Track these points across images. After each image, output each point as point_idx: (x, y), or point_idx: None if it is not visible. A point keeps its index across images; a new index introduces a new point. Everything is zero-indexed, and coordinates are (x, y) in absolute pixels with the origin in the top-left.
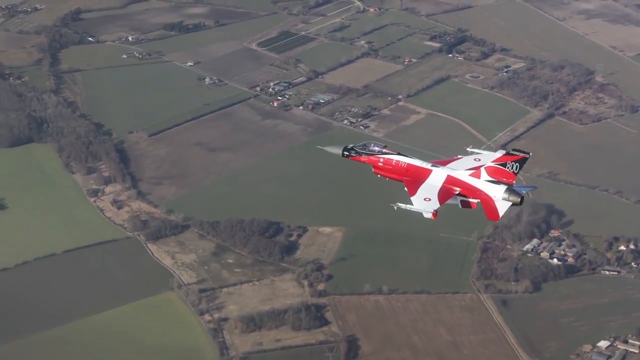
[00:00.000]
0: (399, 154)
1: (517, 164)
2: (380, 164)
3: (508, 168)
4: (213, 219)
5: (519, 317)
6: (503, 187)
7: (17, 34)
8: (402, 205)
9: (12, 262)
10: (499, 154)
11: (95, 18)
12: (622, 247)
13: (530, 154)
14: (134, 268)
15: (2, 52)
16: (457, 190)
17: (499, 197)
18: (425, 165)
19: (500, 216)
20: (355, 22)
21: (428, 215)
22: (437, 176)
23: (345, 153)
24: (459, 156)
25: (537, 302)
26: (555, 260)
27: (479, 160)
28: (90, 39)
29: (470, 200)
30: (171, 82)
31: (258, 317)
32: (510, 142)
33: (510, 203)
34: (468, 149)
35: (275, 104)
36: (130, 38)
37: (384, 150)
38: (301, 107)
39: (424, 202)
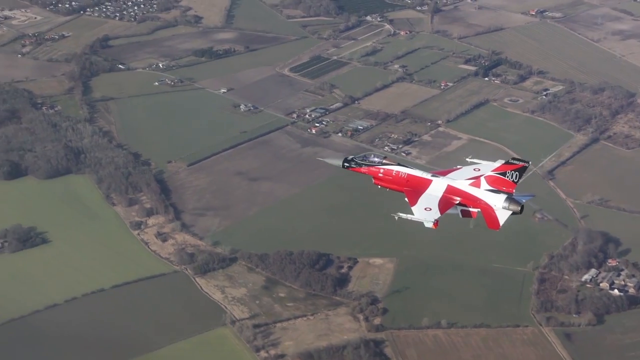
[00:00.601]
0: (398, 164)
1: (516, 172)
2: (381, 175)
3: (508, 177)
4: (261, 251)
5: (584, 352)
6: (503, 196)
7: (46, 62)
8: (404, 215)
9: (60, 297)
10: (499, 163)
11: (123, 45)
12: None
13: (530, 162)
14: (184, 303)
15: (32, 81)
16: (458, 199)
17: (499, 206)
18: (426, 175)
19: (501, 225)
20: (387, 45)
21: (429, 224)
22: (438, 186)
23: (346, 164)
24: (458, 166)
25: (601, 335)
26: (616, 291)
27: (479, 170)
28: (120, 66)
29: (471, 209)
30: (206, 109)
31: (316, 354)
32: (557, 168)
33: (511, 212)
34: (467, 159)
35: (314, 131)
36: (160, 65)
37: (384, 161)
38: (340, 134)
39: (425, 211)
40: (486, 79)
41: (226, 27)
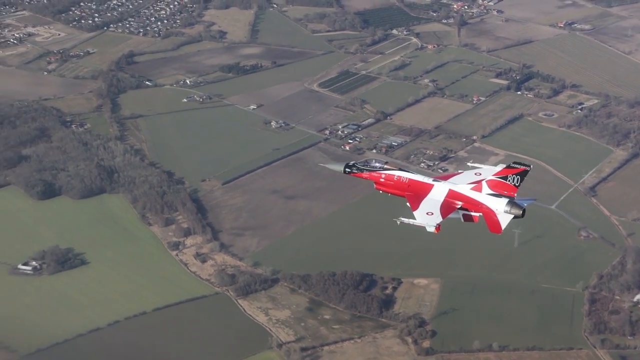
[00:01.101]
0: (400, 169)
1: (518, 176)
2: (382, 180)
3: (509, 181)
4: (302, 272)
5: None
6: (505, 200)
7: (73, 79)
8: (405, 220)
9: (103, 321)
10: (500, 167)
11: (149, 61)
12: None
13: (531, 166)
14: (228, 326)
15: (60, 99)
16: (459, 204)
17: (501, 210)
18: (427, 180)
19: (503, 229)
20: (415, 59)
21: (431, 229)
22: (439, 190)
23: (347, 170)
24: (459, 171)
25: None
26: None
27: (480, 174)
28: (147, 82)
29: (472, 213)
30: (236, 126)
31: None
32: (598, 185)
33: (512, 216)
34: (469, 164)
35: (347, 148)
36: (188, 81)
37: (385, 166)
38: (374, 151)
39: (427, 216)
40: (519, 93)
41: (251, 42)
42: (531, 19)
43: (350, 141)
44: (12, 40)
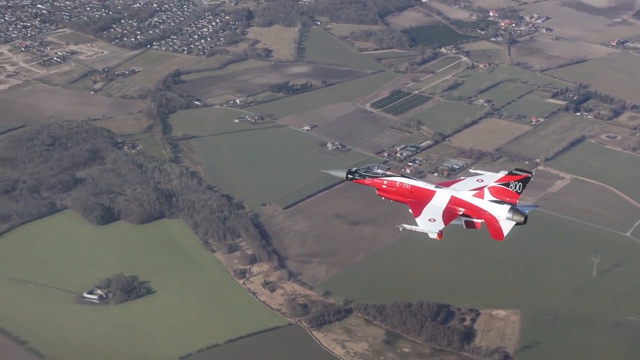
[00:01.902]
0: (402, 176)
1: (520, 183)
2: (384, 187)
3: (511, 188)
4: (375, 302)
5: None
6: (507, 207)
7: (120, 98)
8: (407, 226)
9: (175, 353)
10: (502, 174)
11: (196, 80)
12: None
13: (533, 173)
14: (306, 359)
15: (109, 119)
16: (461, 210)
17: (503, 217)
18: (429, 186)
19: (505, 235)
20: (467, 79)
21: (433, 235)
22: (441, 197)
23: (349, 176)
24: (461, 177)
25: None
26: None
27: (482, 180)
28: (197, 102)
29: (475, 220)
30: (291, 148)
31: None
32: None
33: (514, 222)
34: (471, 170)
35: (408, 171)
36: (238, 101)
37: (387, 172)
38: (436, 174)
39: (429, 222)
40: (578, 114)
41: (298, 61)
42: (581, 37)
43: (410, 164)
44: (55, 58)
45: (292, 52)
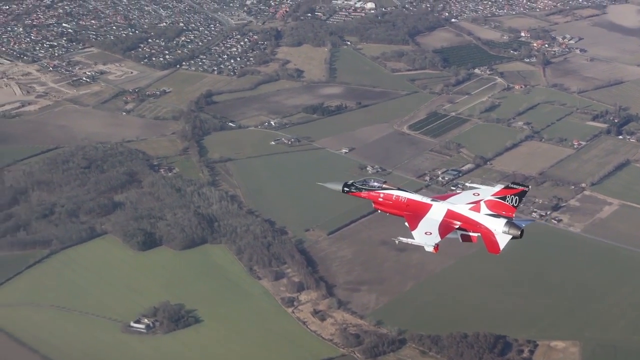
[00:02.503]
0: (398, 189)
1: (516, 197)
2: (381, 200)
3: (507, 201)
4: (429, 332)
5: None
6: (503, 221)
7: (153, 120)
8: (404, 239)
9: None
10: (498, 187)
11: (228, 100)
12: None
13: (530, 187)
14: None
15: (143, 141)
16: (458, 224)
17: (499, 231)
18: (426, 199)
19: (501, 249)
20: (503, 100)
21: (429, 249)
22: (438, 210)
23: (346, 189)
24: (458, 191)
25: None
26: None
27: (478, 194)
28: (231, 124)
29: (471, 234)
30: (331, 171)
31: None
32: None
33: (511, 236)
34: (467, 184)
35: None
36: (272, 122)
37: (383, 185)
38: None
39: (425, 236)
40: (620, 137)
41: (331, 82)
42: (616, 58)
43: (452, 188)
44: (84, 78)
45: (324, 72)
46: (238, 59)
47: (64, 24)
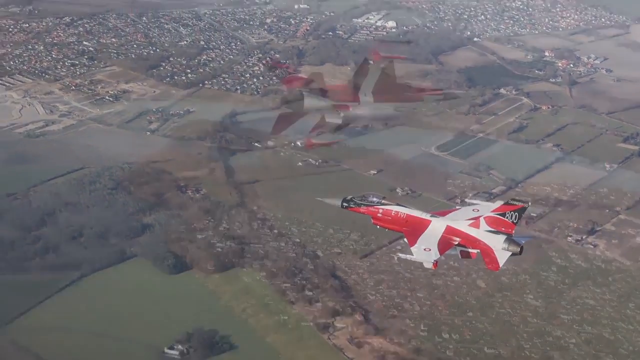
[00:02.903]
0: (397, 204)
1: (516, 213)
2: (380, 215)
3: (507, 218)
4: None
5: None
6: (502, 237)
7: (177, 140)
8: (402, 256)
9: None
10: (498, 204)
11: (253, 120)
12: None
13: (530, 203)
14: None
15: (169, 162)
16: (457, 240)
17: (499, 247)
18: (425, 215)
19: (501, 266)
20: (531, 121)
21: (429, 265)
22: (437, 226)
23: (345, 204)
24: (457, 207)
25: None
26: None
27: (478, 210)
28: (257, 144)
29: (470, 250)
30: (359, 193)
31: None
32: None
33: (510, 253)
34: (466, 200)
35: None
36: (299, 143)
37: (382, 201)
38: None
39: (424, 252)
40: None
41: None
42: None
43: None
44: (107, 97)
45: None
46: (261, 77)
47: (84, 42)
